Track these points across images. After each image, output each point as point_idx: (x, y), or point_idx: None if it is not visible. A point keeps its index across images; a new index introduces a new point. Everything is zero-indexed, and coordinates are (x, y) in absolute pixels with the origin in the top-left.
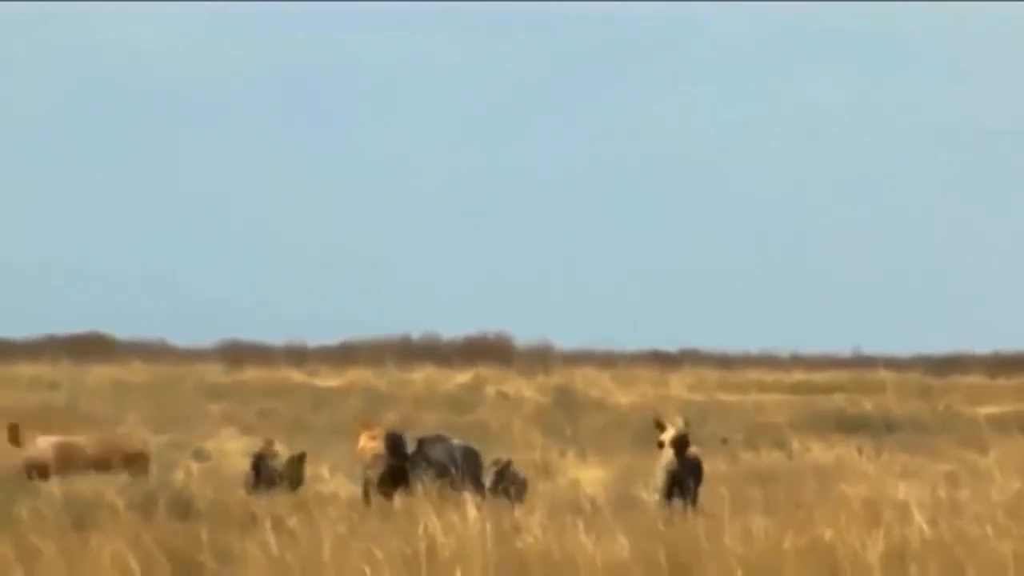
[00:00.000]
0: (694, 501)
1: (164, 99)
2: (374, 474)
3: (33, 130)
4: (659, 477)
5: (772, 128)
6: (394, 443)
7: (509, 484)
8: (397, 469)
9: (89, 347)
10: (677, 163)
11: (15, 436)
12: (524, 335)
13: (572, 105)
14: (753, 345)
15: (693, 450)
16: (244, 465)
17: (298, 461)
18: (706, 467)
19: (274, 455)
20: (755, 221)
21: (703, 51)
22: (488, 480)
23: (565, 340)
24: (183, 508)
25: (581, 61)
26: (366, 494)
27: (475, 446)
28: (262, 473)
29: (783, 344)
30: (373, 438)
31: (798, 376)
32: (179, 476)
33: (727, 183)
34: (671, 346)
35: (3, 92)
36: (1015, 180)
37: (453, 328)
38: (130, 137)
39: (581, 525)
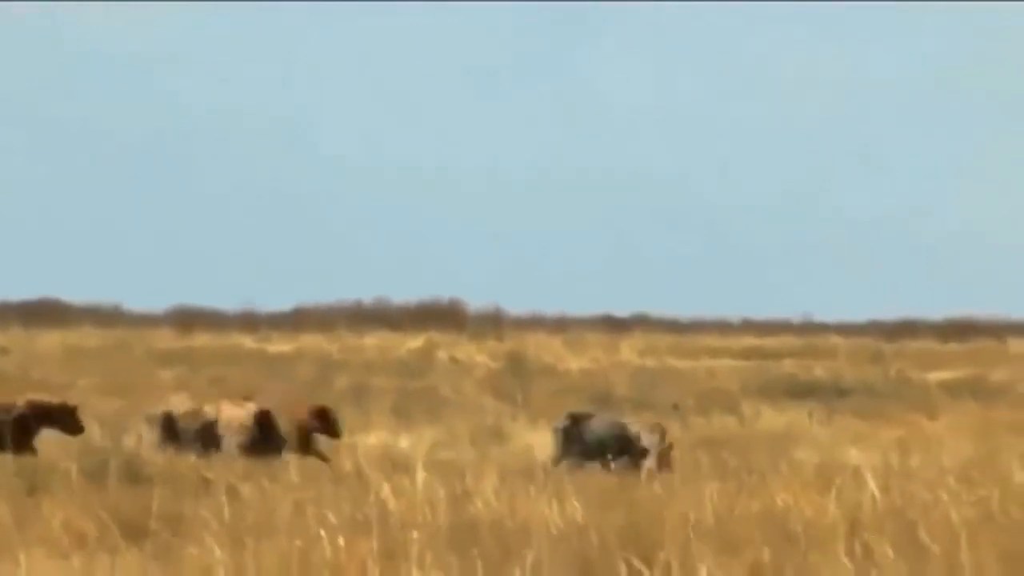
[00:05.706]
0: None
1: None
2: (239, 440)
3: None
4: None
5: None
6: (265, 420)
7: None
8: (260, 443)
9: (42, 312)
10: (613, 131)
11: None
12: (476, 300)
13: (518, 68)
14: (704, 311)
15: None
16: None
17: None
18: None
19: (197, 416)
20: (701, 187)
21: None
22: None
23: (517, 305)
24: (134, 474)
25: (526, 35)
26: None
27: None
28: (170, 433)
29: (734, 310)
30: (241, 405)
31: (749, 341)
32: (130, 442)
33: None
34: (623, 311)
35: None
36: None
37: (405, 293)
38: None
39: (533, 491)
